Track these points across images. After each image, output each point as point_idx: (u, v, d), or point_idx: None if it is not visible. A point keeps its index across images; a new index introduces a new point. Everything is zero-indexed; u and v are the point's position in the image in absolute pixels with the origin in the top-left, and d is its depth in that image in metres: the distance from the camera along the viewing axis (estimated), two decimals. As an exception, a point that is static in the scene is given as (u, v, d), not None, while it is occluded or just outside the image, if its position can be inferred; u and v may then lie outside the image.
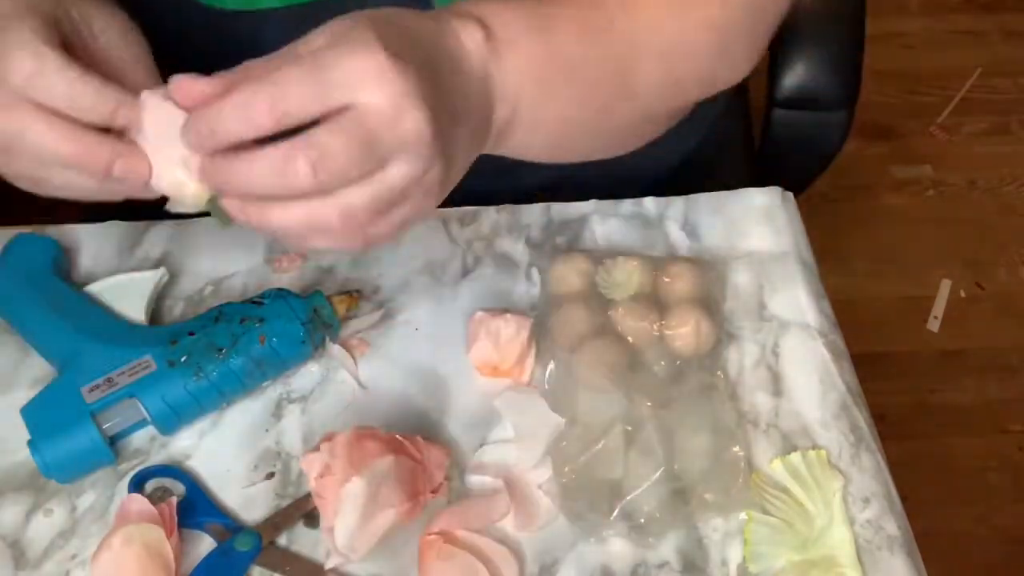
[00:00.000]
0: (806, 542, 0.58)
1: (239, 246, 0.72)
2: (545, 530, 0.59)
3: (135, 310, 0.66)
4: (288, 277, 0.70)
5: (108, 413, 0.60)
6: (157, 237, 0.72)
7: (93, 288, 0.67)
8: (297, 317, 0.63)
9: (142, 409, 0.60)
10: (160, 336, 0.63)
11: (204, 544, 0.58)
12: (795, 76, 0.86)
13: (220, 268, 0.71)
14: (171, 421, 0.61)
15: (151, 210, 0.73)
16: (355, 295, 0.67)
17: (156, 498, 0.58)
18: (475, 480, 0.61)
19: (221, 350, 0.61)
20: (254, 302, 0.63)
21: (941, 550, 1.36)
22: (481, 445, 0.62)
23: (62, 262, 0.69)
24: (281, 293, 0.64)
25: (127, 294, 0.67)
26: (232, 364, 0.61)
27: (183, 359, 0.61)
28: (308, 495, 0.58)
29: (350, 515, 0.53)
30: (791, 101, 0.88)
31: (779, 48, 0.86)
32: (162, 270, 0.68)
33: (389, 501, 0.53)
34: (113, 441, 0.61)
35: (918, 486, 1.42)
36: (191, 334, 0.62)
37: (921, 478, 1.46)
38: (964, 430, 1.54)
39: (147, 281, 0.67)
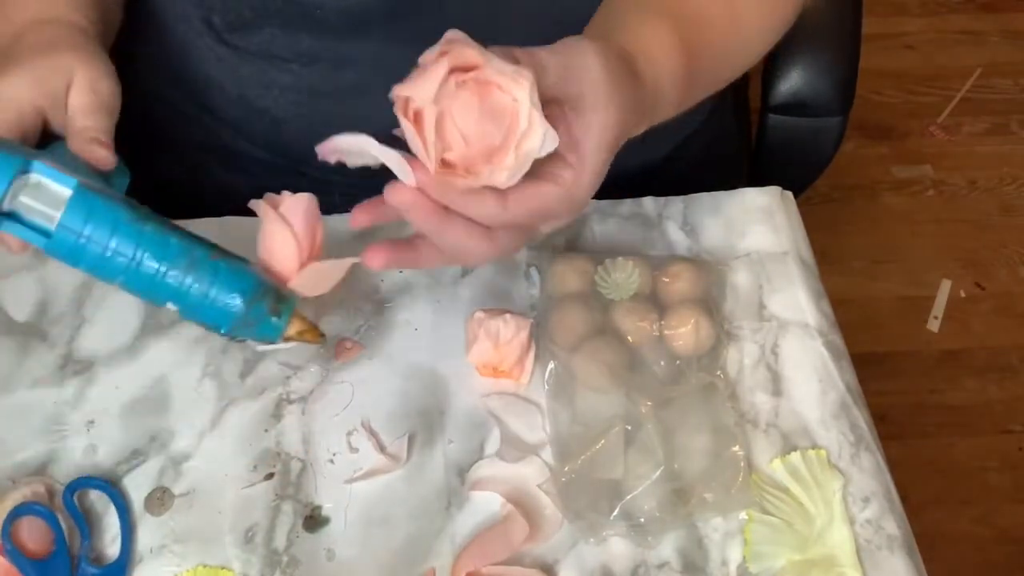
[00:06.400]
0: (806, 542, 0.58)
1: (238, 247, 0.71)
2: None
3: None
4: (288, 277, 0.70)
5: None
6: (157, 237, 0.72)
7: None
8: (244, 292, 0.54)
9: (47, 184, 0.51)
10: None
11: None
12: (790, 82, 0.86)
13: (220, 268, 0.71)
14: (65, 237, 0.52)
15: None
16: (318, 334, 0.57)
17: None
18: (478, 497, 0.60)
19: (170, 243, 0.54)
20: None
21: (941, 550, 1.37)
22: (481, 445, 0.62)
23: None
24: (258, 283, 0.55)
25: None
26: (172, 245, 0.53)
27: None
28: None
29: None
30: (785, 107, 0.87)
31: (774, 53, 0.86)
32: None
33: None
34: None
35: (918, 486, 1.43)
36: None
37: (921, 478, 1.46)
38: (964, 430, 1.54)
39: None
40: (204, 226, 0.72)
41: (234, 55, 0.72)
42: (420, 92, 0.47)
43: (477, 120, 0.47)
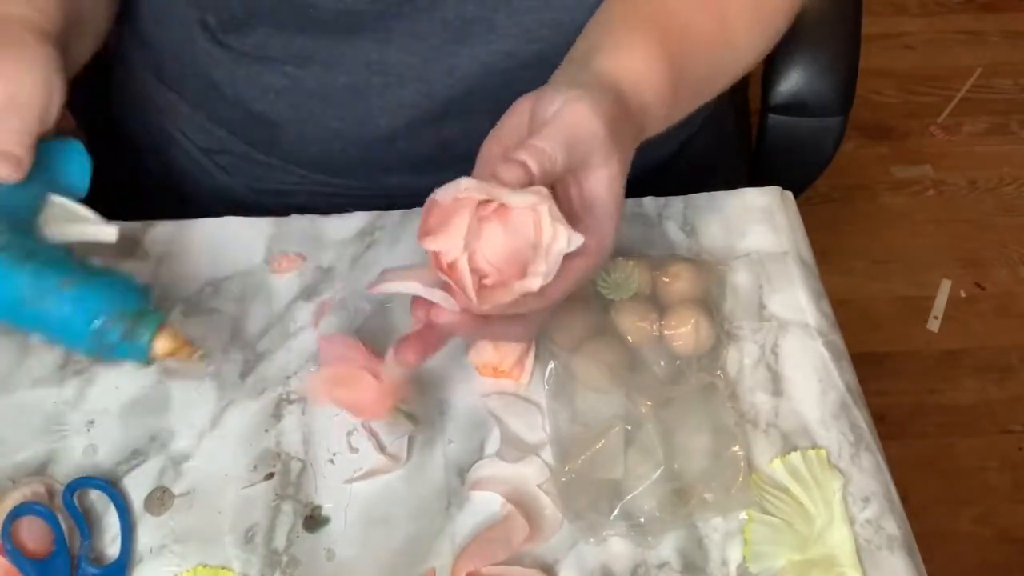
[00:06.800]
0: (806, 542, 0.58)
1: (238, 247, 0.72)
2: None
3: None
4: (287, 277, 0.70)
5: None
6: (157, 237, 0.72)
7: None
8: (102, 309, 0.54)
9: None
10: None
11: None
12: (790, 82, 0.87)
13: (219, 269, 0.71)
14: None
15: (148, 211, 0.74)
16: (193, 350, 0.56)
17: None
18: (478, 497, 0.60)
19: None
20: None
21: (941, 550, 1.37)
22: (481, 445, 0.62)
23: None
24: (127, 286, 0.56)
25: None
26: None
27: None
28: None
29: None
30: (785, 107, 0.88)
31: (774, 54, 0.86)
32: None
33: None
34: None
35: (918, 486, 1.43)
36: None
37: (921, 478, 1.46)
38: (964, 430, 1.54)
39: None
40: (204, 227, 0.72)
41: (229, 56, 0.72)
42: (448, 245, 0.50)
43: (505, 246, 0.50)
